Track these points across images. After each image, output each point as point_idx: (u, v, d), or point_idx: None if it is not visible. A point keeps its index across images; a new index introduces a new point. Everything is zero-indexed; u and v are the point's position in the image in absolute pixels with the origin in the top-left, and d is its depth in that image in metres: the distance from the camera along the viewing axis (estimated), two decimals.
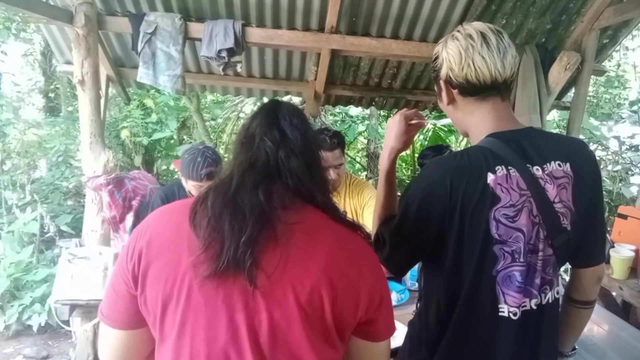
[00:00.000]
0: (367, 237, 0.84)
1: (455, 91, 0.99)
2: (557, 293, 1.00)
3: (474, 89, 0.95)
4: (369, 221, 2.18)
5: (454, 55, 0.94)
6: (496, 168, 0.90)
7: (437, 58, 1.00)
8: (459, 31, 0.96)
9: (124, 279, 0.77)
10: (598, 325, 2.39)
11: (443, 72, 0.98)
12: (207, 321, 0.71)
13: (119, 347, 0.82)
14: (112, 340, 0.82)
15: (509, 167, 0.90)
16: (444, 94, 1.02)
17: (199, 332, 0.72)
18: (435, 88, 1.06)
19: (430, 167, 0.96)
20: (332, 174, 2.10)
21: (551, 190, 0.92)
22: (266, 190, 0.75)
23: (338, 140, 2.08)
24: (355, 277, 0.77)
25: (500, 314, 0.93)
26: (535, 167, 0.92)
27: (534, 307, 0.94)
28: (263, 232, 0.72)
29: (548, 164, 0.94)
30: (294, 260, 0.73)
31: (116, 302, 0.79)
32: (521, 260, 0.91)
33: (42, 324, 3.30)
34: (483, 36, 0.92)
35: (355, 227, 0.83)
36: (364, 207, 2.23)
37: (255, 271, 0.70)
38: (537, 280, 0.94)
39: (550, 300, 0.97)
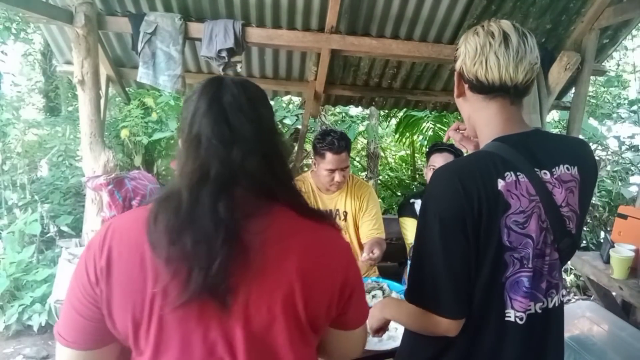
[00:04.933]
0: (335, 225, 0.82)
1: (466, 85, 0.98)
2: (562, 296, 1.00)
3: (482, 88, 0.94)
4: (364, 228, 2.24)
5: (470, 50, 0.93)
6: (505, 174, 0.88)
7: (458, 49, 0.99)
8: (483, 26, 0.94)
9: (91, 302, 0.72)
10: (598, 325, 2.39)
11: (458, 64, 0.98)
12: (181, 341, 0.70)
13: None
14: (73, 356, 0.76)
15: (518, 173, 0.89)
16: (455, 86, 1.02)
17: (173, 352, 0.70)
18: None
19: (434, 176, 0.94)
20: (337, 177, 2.10)
21: (558, 195, 0.91)
22: (227, 203, 0.68)
23: (345, 143, 2.08)
24: (327, 276, 0.76)
25: (506, 318, 0.92)
26: (543, 171, 0.91)
27: (539, 311, 0.94)
28: (232, 252, 0.67)
29: (557, 168, 0.93)
30: (265, 271, 0.71)
31: (81, 324, 0.73)
32: (529, 265, 0.90)
33: (42, 324, 3.29)
34: (505, 36, 0.90)
35: (323, 218, 0.80)
36: (364, 212, 2.25)
37: (228, 295, 0.68)
38: (543, 285, 0.93)
39: (556, 304, 0.97)
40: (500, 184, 0.87)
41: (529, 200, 0.89)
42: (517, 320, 0.92)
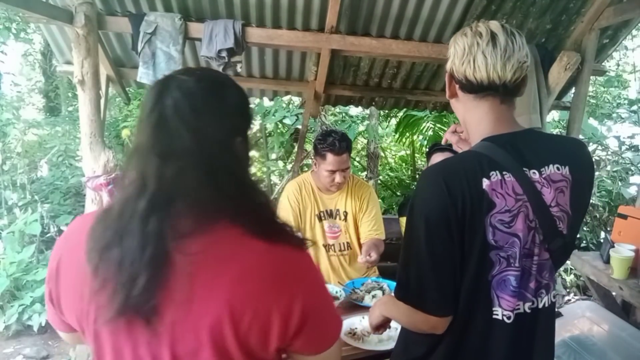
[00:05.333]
0: (298, 244, 0.74)
1: (456, 86, 0.99)
2: (554, 297, 1.00)
3: (472, 87, 0.95)
4: (363, 228, 2.24)
5: (459, 50, 0.94)
6: (490, 173, 0.89)
7: (449, 50, 1.00)
8: (471, 27, 0.95)
9: (50, 296, 0.78)
10: (598, 325, 2.39)
11: (448, 65, 0.99)
12: (113, 353, 0.71)
13: (71, 339, 0.89)
14: (63, 336, 0.88)
15: (504, 172, 0.89)
16: (447, 87, 1.03)
17: None
18: None
19: (422, 177, 0.96)
20: (338, 177, 2.11)
21: (548, 194, 0.91)
22: (159, 222, 0.65)
23: (346, 144, 2.09)
24: (264, 306, 0.68)
25: (494, 316, 0.93)
26: (532, 171, 0.92)
27: (528, 311, 0.94)
28: (158, 273, 0.65)
29: (546, 167, 0.93)
30: (193, 297, 0.67)
31: (51, 311, 0.81)
32: (516, 265, 0.90)
33: (42, 324, 3.30)
34: (492, 35, 0.91)
35: (279, 237, 0.72)
36: (364, 212, 2.26)
37: (153, 316, 0.66)
38: (532, 284, 0.93)
39: (546, 304, 0.97)
40: (485, 183, 0.88)
41: (515, 200, 0.89)
42: (505, 319, 0.92)
